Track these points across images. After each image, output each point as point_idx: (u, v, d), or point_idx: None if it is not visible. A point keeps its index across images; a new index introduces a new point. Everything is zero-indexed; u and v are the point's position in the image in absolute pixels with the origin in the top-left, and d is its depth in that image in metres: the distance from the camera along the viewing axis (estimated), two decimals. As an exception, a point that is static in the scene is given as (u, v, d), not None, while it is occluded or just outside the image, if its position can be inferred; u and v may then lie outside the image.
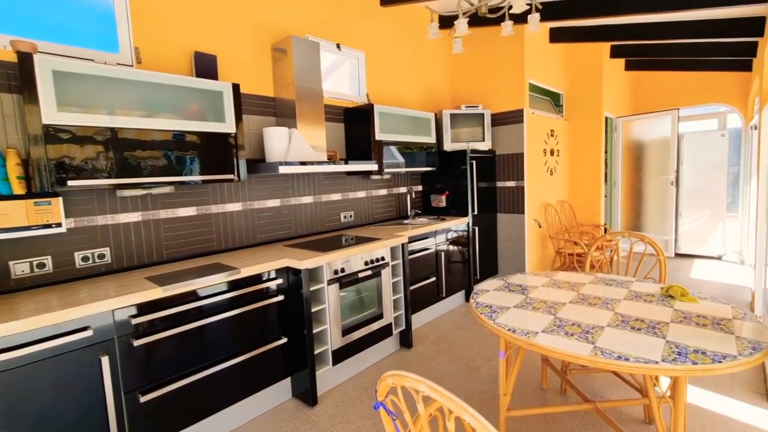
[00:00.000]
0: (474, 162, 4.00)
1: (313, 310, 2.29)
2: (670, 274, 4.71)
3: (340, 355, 2.48)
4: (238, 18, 2.64)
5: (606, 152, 5.58)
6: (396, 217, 3.92)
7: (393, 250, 2.87)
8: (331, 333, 2.39)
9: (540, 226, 4.50)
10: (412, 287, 3.19)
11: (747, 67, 4.74)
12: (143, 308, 1.74)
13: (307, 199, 3.09)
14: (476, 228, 4.02)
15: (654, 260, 2.36)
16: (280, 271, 2.26)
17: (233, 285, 2.04)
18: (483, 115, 4.19)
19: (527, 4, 1.93)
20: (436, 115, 4.02)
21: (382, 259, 2.73)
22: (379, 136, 3.31)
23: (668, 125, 5.34)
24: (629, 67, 5.84)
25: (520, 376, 2.52)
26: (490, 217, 4.32)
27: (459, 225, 3.79)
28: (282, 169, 2.36)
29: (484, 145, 4.21)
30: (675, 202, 5.44)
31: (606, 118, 5.35)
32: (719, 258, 5.36)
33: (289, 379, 2.39)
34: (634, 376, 2.12)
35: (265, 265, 2.16)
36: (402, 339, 3.02)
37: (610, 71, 5.33)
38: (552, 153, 4.84)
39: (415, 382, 0.80)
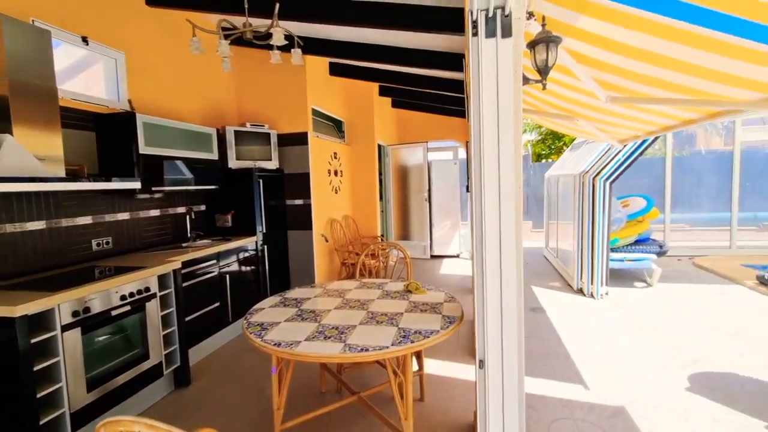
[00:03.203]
0: (262, 180, 4.01)
1: (38, 367, 1.79)
2: (427, 273, 5.91)
3: (87, 414, 2.02)
4: None
5: (381, 174, 6.60)
6: (172, 240, 3.51)
7: (163, 278, 2.55)
8: (68, 391, 1.91)
9: (327, 241, 4.89)
10: (191, 316, 2.92)
11: (464, 114, 6.53)
12: None
13: (37, 225, 2.42)
14: (266, 246, 4.03)
15: (411, 262, 2.94)
16: (-21, 325, 1.68)
17: None
18: (269, 134, 4.27)
19: (286, 39, 2.11)
20: (218, 130, 3.84)
21: (146, 290, 2.39)
22: (144, 149, 2.92)
23: (421, 154, 6.77)
24: (394, 105, 7.11)
25: (301, 384, 2.65)
26: (280, 235, 4.41)
27: (247, 244, 3.71)
28: (-19, 188, 1.78)
29: (272, 164, 4.29)
30: (429, 214, 6.91)
31: (379, 145, 6.32)
32: (458, 256, 7.08)
33: (-1, 468, 1.78)
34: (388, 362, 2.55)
35: (-52, 319, 1.57)
36: (177, 377, 2.70)
37: (380, 106, 6.35)
38: (336, 173, 5.36)
39: (129, 424, 0.75)
